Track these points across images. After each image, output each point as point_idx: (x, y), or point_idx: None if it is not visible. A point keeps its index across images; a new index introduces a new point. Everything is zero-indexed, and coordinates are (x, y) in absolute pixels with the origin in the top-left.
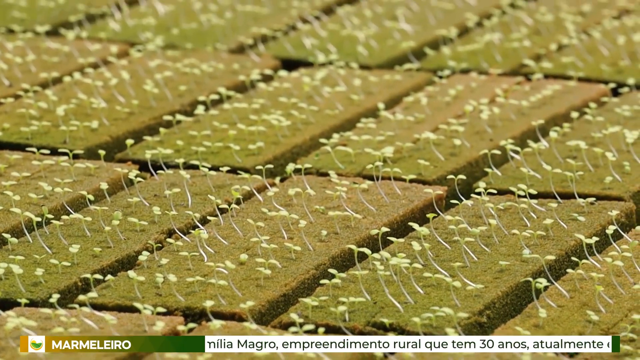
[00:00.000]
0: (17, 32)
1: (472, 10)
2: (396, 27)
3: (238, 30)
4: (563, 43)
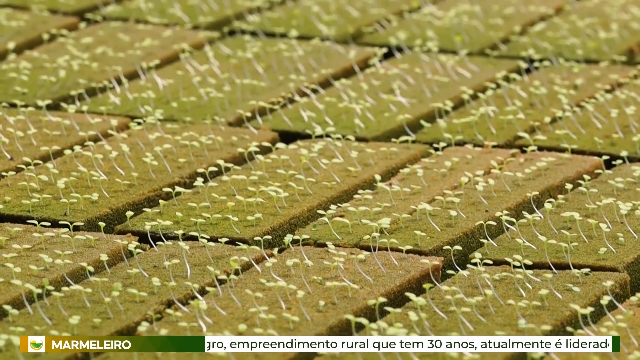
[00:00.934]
0: (19, 106)
1: (467, 83)
2: (392, 100)
3: (236, 103)
4: (557, 116)
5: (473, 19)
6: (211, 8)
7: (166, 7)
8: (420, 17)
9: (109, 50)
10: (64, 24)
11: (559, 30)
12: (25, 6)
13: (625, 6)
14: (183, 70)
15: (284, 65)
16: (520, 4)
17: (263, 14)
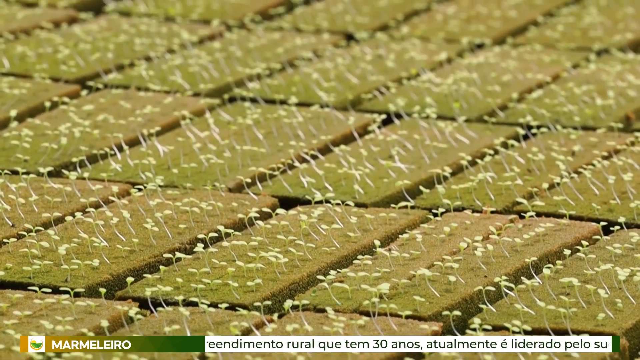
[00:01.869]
0: (21, 173)
1: (465, 149)
2: (391, 166)
3: (236, 169)
4: (555, 182)
5: (471, 86)
6: (211, 75)
7: (167, 74)
8: (418, 84)
9: (110, 117)
10: (65, 92)
11: (556, 97)
12: (28, 74)
13: (621, 74)
14: (184, 136)
15: (284, 131)
16: (518, 71)
17: (263, 81)
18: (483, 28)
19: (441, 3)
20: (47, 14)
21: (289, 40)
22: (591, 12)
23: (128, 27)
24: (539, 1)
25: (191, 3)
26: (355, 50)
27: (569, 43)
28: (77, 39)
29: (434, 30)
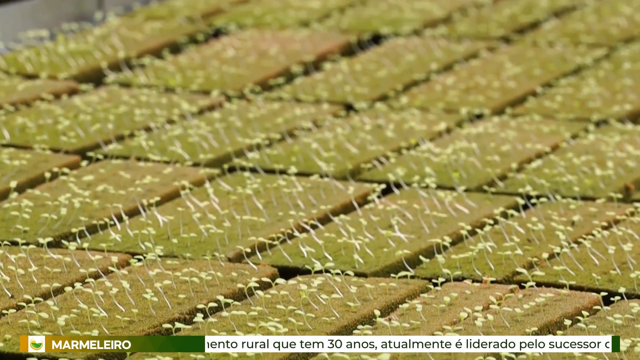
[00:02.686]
0: (20, 244)
1: (465, 219)
2: (391, 236)
3: (236, 239)
4: (555, 252)
5: (470, 156)
6: (211, 145)
7: (167, 144)
8: (418, 154)
9: (110, 187)
10: (65, 163)
11: (556, 167)
12: (28, 145)
13: (620, 144)
14: (183, 206)
15: (284, 201)
16: (517, 141)
17: (262, 151)
18: (482, 98)
19: (440, 74)
20: (47, 85)
21: (289, 110)
22: (590, 83)
23: (128, 98)
24: (537, 72)
25: (191, 74)
26: (354, 120)
27: (568, 114)
28: (78, 110)
29: (433, 100)
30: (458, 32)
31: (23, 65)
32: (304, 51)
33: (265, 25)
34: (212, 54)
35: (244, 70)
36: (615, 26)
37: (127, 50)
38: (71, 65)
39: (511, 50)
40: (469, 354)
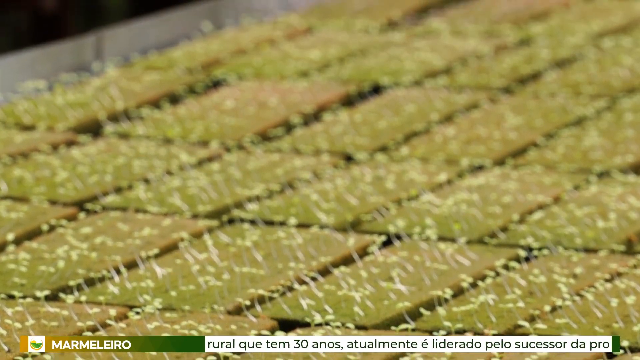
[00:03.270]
0: (17, 298)
1: (466, 271)
2: (392, 288)
3: (235, 291)
4: (557, 305)
5: (471, 208)
6: (210, 197)
7: (165, 196)
8: (418, 205)
9: (108, 240)
10: (63, 215)
11: (557, 219)
12: (25, 197)
13: (623, 196)
14: (182, 258)
15: (283, 253)
16: (518, 192)
17: (262, 202)
18: (483, 149)
19: (441, 124)
20: (45, 137)
21: (288, 161)
22: (591, 134)
23: (126, 149)
24: (538, 123)
25: (190, 125)
26: (354, 171)
27: (570, 165)
28: (75, 161)
29: (433, 151)
30: (458, 82)
31: (21, 116)
32: (303, 102)
33: (264, 76)
34: (211, 104)
35: (243, 121)
36: (617, 77)
37: (125, 101)
38: (69, 116)
39: (512, 101)
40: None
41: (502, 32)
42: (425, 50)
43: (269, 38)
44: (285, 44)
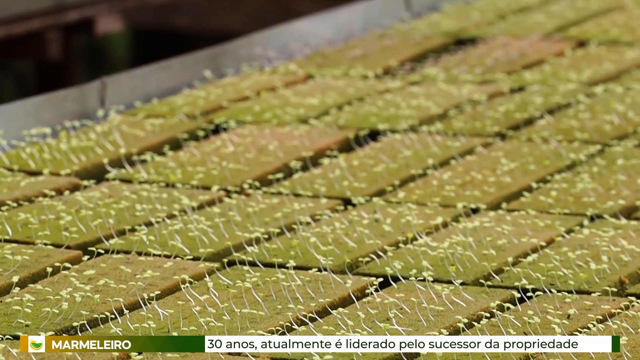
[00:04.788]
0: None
1: (462, 312)
2: (389, 329)
3: (236, 332)
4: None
5: (467, 250)
6: (211, 240)
7: (167, 239)
8: (415, 247)
9: (111, 281)
10: (67, 258)
11: (551, 261)
12: (30, 241)
13: (615, 239)
14: (184, 299)
15: (283, 294)
16: (513, 235)
17: (262, 245)
18: (478, 193)
19: (436, 169)
20: (49, 181)
21: (288, 205)
22: (584, 178)
23: (129, 193)
24: (532, 168)
25: (191, 169)
26: (352, 215)
27: (563, 209)
28: (79, 205)
29: (429, 195)
30: (454, 128)
31: (26, 161)
32: (302, 147)
33: (264, 122)
34: (212, 150)
35: (243, 166)
36: (609, 123)
37: (128, 147)
38: (73, 161)
39: (506, 146)
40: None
41: (496, 80)
42: (421, 97)
43: (269, 85)
44: (285, 90)
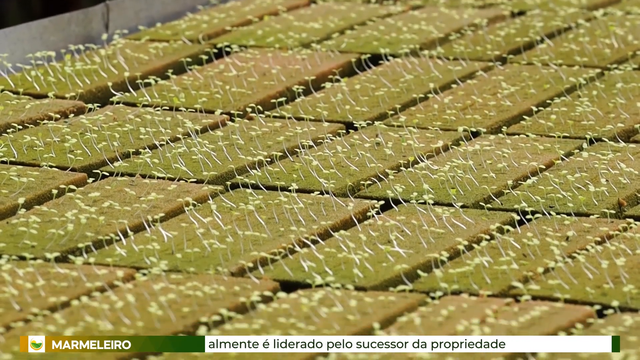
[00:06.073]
0: (28, 259)
1: (462, 234)
2: (390, 251)
3: (239, 254)
4: (549, 266)
5: (467, 173)
6: (215, 163)
7: (171, 162)
8: (416, 171)
9: (116, 204)
10: (72, 180)
11: (550, 184)
12: (36, 163)
13: (613, 162)
14: (187, 222)
15: (285, 217)
16: (512, 159)
17: (264, 168)
18: (478, 117)
19: (437, 93)
20: (54, 104)
21: (290, 128)
22: (583, 102)
23: (133, 116)
24: (532, 91)
25: (195, 93)
26: (354, 138)
27: (562, 132)
28: (84, 128)
29: (430, 118)
30: (455, 52)
31: (31, 84)
32: (305, 71)
33: (267, 46)
34: (215, 73)
35: (246, 90)
36: (608, 47)
37: (132, 71)
38: (78, 84)
39: (507, 70)
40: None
41: (497, 4)
42: (422, 21)
43: (272, 9)
44: (287, 15)
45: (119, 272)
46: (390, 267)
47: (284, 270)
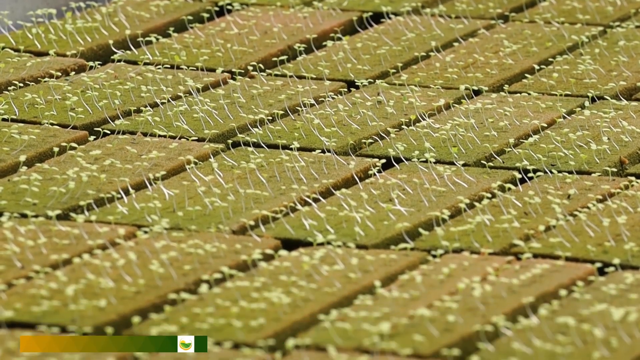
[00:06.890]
0: (29, 217)
1: (464, 193)
2: (391, 209)
3: (240, 212)
4: (551, 224)
5: (469, 132)
6: (216, 121)
7: (172, 120)
8: (417, 129)
9: (117, 162)
10: (73, 138)
11: (552, 142)
12: (37, 121)
13: (615, 120)
14: (188, 180)
15: (287, 175)
16: (514, 117)
17: (266, 126)
18: (480, 75)
19: (439, 51)
20: (55, 62)
21: (291, 87)
22: (585, 60)
23: (134, 74)
24: (534, 49)
25: (196, 51)
26: (355, 97)
27: (564, 90)
28: (85, 86)
29: (432, 77)
30: (457, 10)
31: (32, 42)
32: (306, 29)
33: (268, 4)
34: (216, 32)
35: (247, 48)
36: (611, 4)
37: (133, 29)
38: (79, 42)
39: (509, 28)
40: (467, 323)
41: None
42: None
43: None
44: None
45: (121, 229)
46: (391, 225)
47: (285, 228)
